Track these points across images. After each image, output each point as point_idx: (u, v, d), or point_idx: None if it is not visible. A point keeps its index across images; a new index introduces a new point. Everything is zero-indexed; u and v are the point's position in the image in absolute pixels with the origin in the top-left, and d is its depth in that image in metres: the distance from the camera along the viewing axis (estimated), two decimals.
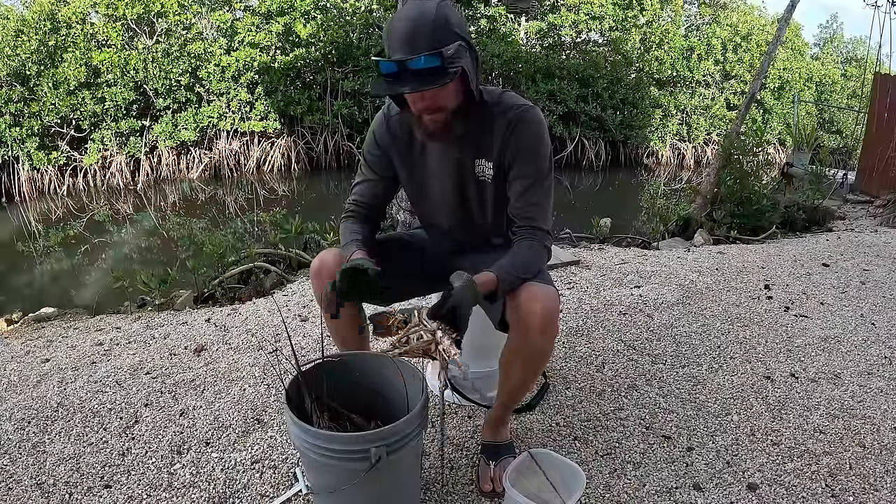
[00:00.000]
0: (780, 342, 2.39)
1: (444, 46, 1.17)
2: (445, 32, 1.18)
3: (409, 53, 1.16)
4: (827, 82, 13.94)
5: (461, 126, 1.30)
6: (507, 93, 1.37)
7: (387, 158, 1.46)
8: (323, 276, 1.39)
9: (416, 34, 1.17)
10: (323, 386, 1.33)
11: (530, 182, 1.36)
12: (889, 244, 4.12)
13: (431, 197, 1.49)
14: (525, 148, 1.34)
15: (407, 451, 1.20)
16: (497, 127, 1.34)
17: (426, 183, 1.47)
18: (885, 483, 1.54)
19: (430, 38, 1.16)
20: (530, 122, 1.34)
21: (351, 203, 1.50)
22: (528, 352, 1.34)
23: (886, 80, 6.59)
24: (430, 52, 1.15)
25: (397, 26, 1.19)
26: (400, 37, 1.18)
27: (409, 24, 1.17)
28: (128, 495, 1.47)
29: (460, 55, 1.19)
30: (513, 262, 1.31)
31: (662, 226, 4.86)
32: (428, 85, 1.17)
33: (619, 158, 11.57)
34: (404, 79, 1.18)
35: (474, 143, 1.37)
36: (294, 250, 3.73)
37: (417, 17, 1.18)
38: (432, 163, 1.43)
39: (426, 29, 1.17)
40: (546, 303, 1.29)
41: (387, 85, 1.20)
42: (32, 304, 4.05)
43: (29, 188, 7.98)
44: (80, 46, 8.12)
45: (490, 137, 1.36)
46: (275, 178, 9.54)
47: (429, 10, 1.18)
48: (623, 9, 11.70)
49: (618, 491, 1.49)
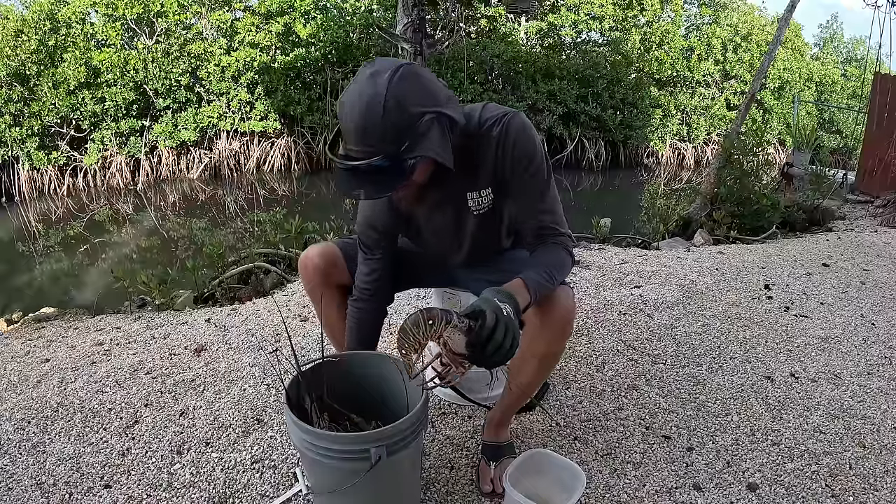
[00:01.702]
0: (780, 342, 2.39)
1: (400, 145, 1.05)
2: (400, 125, 1.05)
3: (361, 154, 1.06)
4: (827, 82, 13.94)
5: (440, 183, 1.20)
6: (486, 107, 1.27)
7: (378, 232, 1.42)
8: (308, 270, 1.49)
9: (366, 133, 1.05)
10: (323, 386, 1.33)
11: (535, 191, 1.28)
12: (889, 244, 4.12)
13: (431, 242, 1.47)
14: (519, 158, 1.25)
15: (407, 451, 1.20)
16: (485, 151, 1.25)
17: (422, 234, 1.45)
18: (885, 483, 1.54)
19: (380, 138, 1.05)
20: (517, 131, 1.24)
21: (356, 286, 1.49)
22: (542, 352, 1.34)
23: (886, 80, 6.59)
24: (381, 156, 1.05)
25: (347, 119, 1.07)
26: (351, 132, 1.07)
27: (357, 120, 1.05)
28: (128, 495, 1.47)
29: (424, 132, 1.07)
30: (542, 267, 1.22)
31: (662, 226, 4.87)
32: (385, 191, 1.10)
33: (619, 158, 11.57)
34: (360, 177, 1.09)
35: (463, 180, 1.29)
36: (294, 250, 3.73)
37: (365, 111, 1.04)
38: (423, 216, 1.40)
39: (375, 128, 1.04)
40: (566, 304, 1.27)
41: (345, 182, 1.10)
42: (32, 304, 4.06)
43: (29, 188, 7.99)
44: (79, 46, 8.13)
45: (480, 166, 1.28)
46: (275, 178, 9.54)
47: (377, 99, 1.04)
48: (623, 9, 11.72)
49: (618, 491, 1.49)
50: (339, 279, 1.52)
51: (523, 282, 1.16)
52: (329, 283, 1.51)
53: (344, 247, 1.52)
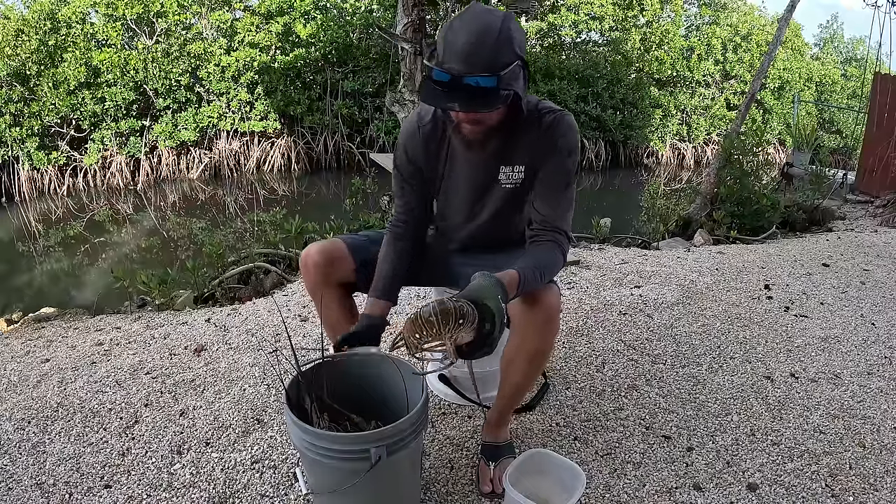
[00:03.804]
0: (780, 342, 2.39)
1: (503, 69, 1.13)
2: (507, 53, 1.14)
3: (465, 69, 1.12)
4: (827, 82, 13.93)
5: (498, 138, 1.31)
6: (542, 101, 1.37)
7: (417, 168, 1.45)
8: (308, 267, 1.48)
9: (477, 51, 1.12)
10: (323, 386, 1.33)
11: (557, 185, 1.36)
12: (889, 244, 4.12)
13: (454, 198, 1.49)
14: (560, 149, 1.33)
15: (407, 451, 1.20)
16: (532, 132, 1.34)
17: (451, 184, 1.47)
18: (885, 483, 1.54)
19: (490, 57, 1.12)
20: (568, 126, 1.34)
21: (391, 221, 1.52)
22: (530, 350, 1.35)
23: (886, 80, 6.59)
24: (488, 73, 1.12)
25: (458, 37, 1.13)
26: (459, 49, 1.13)
27: (470, 38, 1.12)
28: (128, 495, 1.47)
29: (515, 76, 1.16)
30: (535, 264, 1.27)
31: (662, 226, 4.87)
32: (479, 107, 1.15)
33: (619, 158, 11.57)
34: (455, 92, 1.14)
35: (507, 150, 1.37)
36: (294, 250, 3.73)
37: (481, 31, 1.12)
38: (461, 166, 1.43)
39: (487, 48, 1.12)
40: (550, 301, 1.29)
41: (436, 96, 1.16)
42: (32, 304, 4.06)
43: (29, 188, 7.99)
44: (80, 46, 8.12)
45: (524, 143, 1.35)
46: (275, 178, 9.54)
47: (493, 25, 1.13)
48: (623, 9, 11.70)
49: (618, 491, 1.49)
50: (340, 276, 1.51)
51: (518, 277, 1.19)
52: (329, 282, 1.50)
53: (351, 241, 1.52)
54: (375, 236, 1.56)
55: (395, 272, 1.47)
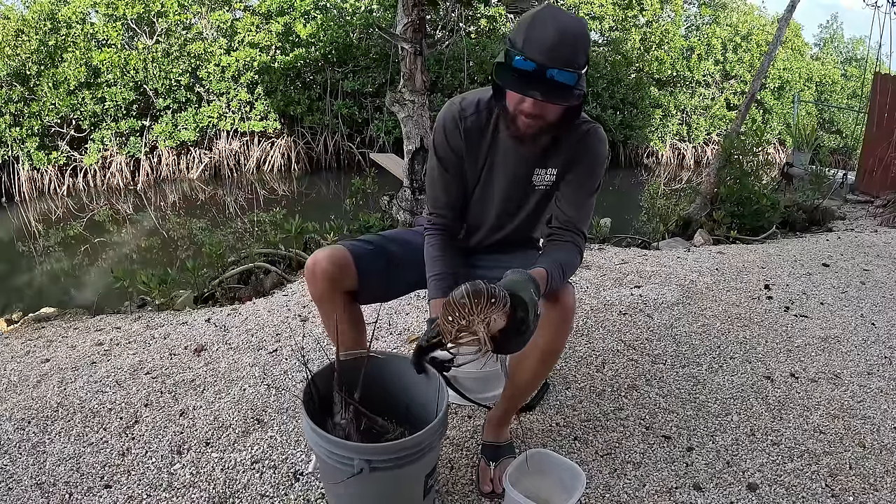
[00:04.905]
0: (780, 342, 2.39)
1: (581, 68, 1.19)
2: (584, 55, 1.20)
3: (552, 62, 1.16)
4: (827, 82, 13.92)
5: (545, 137, 1.34)
6: None
7: (460, 157, 1.45)
8: (317, 276, 1.42)
9: (564, 47, 1.17)
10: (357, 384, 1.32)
11: (583, 190, 1.41)
12: (889, 244, 4.12)
13: (489, 193, 1.49)
14: (588, 160, 1.39)
15: (402, 470, 1.19)
16: (570, 139, 1.38)
17: (485, 176, 1.47)
18: (885, 483, 1.54)
19: (573, 54, 1.17)
20: (602, 138, 1.41)
21: (429, 218, 1.50)
22: (544, 349, 1.35)
23: (886, 80, 6.59)
24: (571, 69, 1.17)
25: (548, 32, 1.17)
26: (548, 43, 1.17)
27: (560, 33, 1.16)
28: (128, 495, 1.47)
29: (584, 80, 1.23)
30: (559, 264, 1.29)
31: (662, 226, 4.87)
32: (558, 99, 1.18)
33: (619, 158, 11.56)
34: (536, 83, 1.17)
35: (549, 151, 1.40)
36: (294, 250, 3.73)
37: (569, 29, 1.17)
38: (499, 158, 1.43)
39: (574, 46, 1.18)
40: (567, 300, 1.31)
41: (517, 82, 1.18)
42: (32, 304, 4.06)
43: (29, 188, 7.98)
44: (80, 46, 8.11)
45: (563, 148, 1.39)
46: (275, 178, 9.54)
47: (579, 27, 1.19)
48: (623, 9, 11.70)
49: (618, 491, 1.49)
50: (348, 285, 1.47)
51: (547, 274, 1.22)
52: (337, 289, 1.45)
53: (354, 249, 1.47)
54: (377, 240, 1.54)
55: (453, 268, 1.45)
